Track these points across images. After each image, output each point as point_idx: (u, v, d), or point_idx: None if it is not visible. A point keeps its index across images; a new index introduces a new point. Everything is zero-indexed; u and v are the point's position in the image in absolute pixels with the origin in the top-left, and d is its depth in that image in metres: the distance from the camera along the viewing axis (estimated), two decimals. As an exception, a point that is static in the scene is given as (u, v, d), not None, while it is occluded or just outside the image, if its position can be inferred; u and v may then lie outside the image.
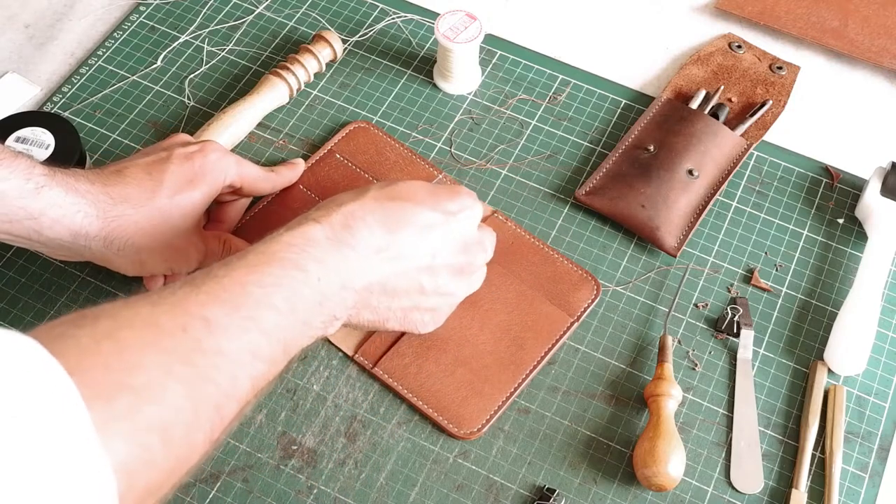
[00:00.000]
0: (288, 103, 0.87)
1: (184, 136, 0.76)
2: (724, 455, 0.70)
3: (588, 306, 0.75)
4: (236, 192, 0.75)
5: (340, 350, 0.73)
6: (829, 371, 0.74)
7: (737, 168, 0.83)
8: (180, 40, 0.91)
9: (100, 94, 0.87)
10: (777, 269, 0.79)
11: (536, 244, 0.77)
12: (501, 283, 0.74)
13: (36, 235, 0.66)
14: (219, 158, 0.71)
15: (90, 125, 0.85)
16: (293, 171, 0.79)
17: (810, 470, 0.69)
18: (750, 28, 0.94)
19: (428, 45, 0.91)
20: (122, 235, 0.67)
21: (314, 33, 0.90)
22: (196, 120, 0.86)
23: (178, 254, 0.70)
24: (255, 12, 0.93)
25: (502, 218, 0.78)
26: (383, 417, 0.71)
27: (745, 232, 0.81)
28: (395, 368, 0.71)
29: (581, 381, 0.73)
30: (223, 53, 0.90)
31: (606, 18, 0.95)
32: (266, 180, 0.76)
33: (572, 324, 0.74)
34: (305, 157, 0.82)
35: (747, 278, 0.78)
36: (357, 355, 0.72)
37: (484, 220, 0.77)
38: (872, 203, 0.80)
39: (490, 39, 0.91)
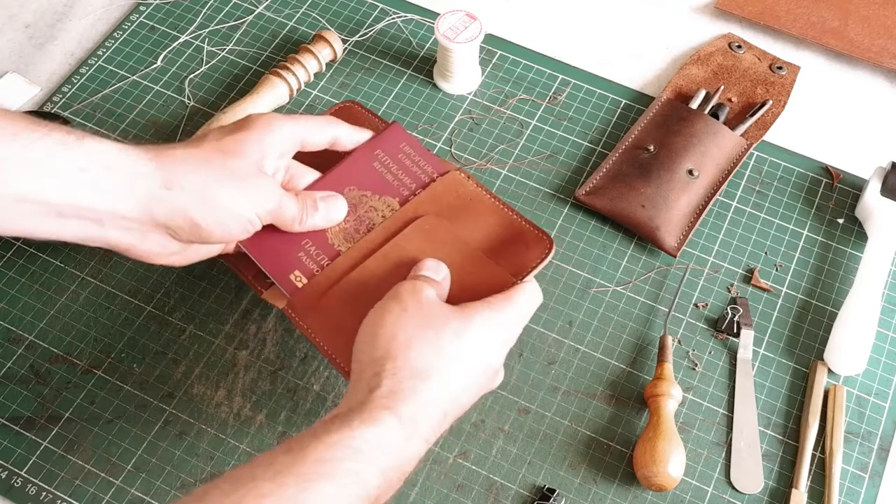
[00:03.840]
0: (288, 103, 0.87)
1: None
2: (724, 455, 0.70)
3: (537, 265, 0.69)
4: (301, 148, 0.69)
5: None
6: (829, 371, 0.74)
7: (737, 168, 0.83)
8: (180, 40, 0.91)
9: (100, 94, 0.87)
10: (777, 269, 0.79)
11: (495, 204, 0.72)
12: (447, 243, 0.69)
13: (92, 195, 0.60)
14: (263, 116, 0.67)
15: (90, 125, 0.85)
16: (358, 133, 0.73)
17: (810, 470, 0.69)
18: (750, 28, 0.94)
19: (428, 45, 0.91)
20: (183, 175, 0.62)
21: (314, 33, 0.90)
22: (196, 120, 0.86)
23: (252, 190, 0.65)
24: (255, 12, 0.93)
25: (464, 176, 0.74)
26: (383, 417, 0.71)
27: (745, 232, 0.81)
28: (319, 325, 0.68)
29: (581, 381, 0.73)
30: (223, 53, 0.90)
31: (606, 18, 0.95)
32: (330, 128, 0.70)
33: (515, 283, 0.68)
34: None
35: (747, 278, 0.78)
36: (285, 308, 0.69)
37: (445, 174, 0.73)
38: (872, 203, 0.80)
39: (490, 39, 0.91)
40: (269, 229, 0.69)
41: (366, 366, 0.59)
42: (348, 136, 0.72)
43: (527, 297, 0.65)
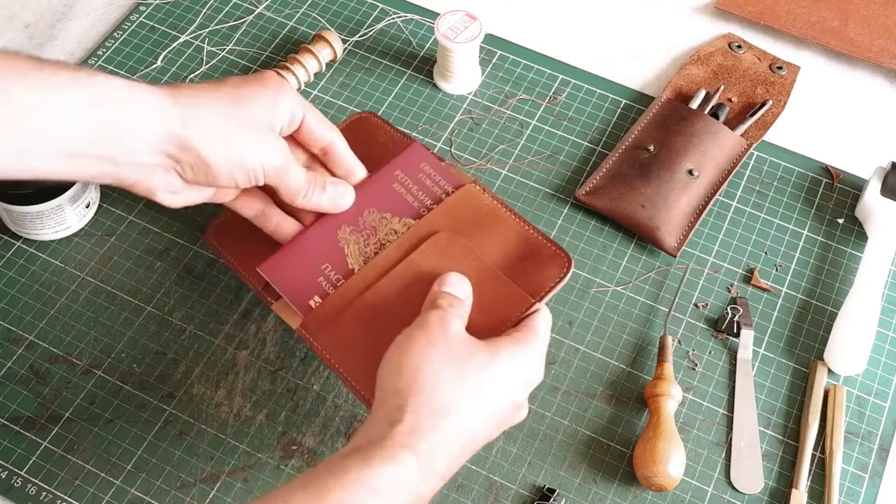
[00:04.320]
0: (288, 103, 0.86)
1: None
2: (724, 455, 0.70)
3: (555, 285, 0.68)
4: (297, 135, 0.69)
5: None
6: (829, 371, 0.74)
7: (737, 168, 0.83)
8: (180, 40, 0.91)
9: (100, 94, 0.87)
10: (777, 269, 0.79)
11: (511, 218, 0.71)
12: (462, 259, 0.68)
13: (107, 129, 0.59)
14: (280, 79, 0.67)
15: (90, 125, 0.85)
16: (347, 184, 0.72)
17: (810, 470, 0.69)
18: (750, 28, 0.94)
19: (428, 45, 0.91)
20: (200, 113, 0.61)
21: (314, 33, 0.90)
22: (196, 120, 0.85)
23: (263, 143, 0.64)
24: (255, 12, 0.93)
25: (480, 188, 0.72)
26: (383, 417, 0.71)
27: (745, 232, 0.81)
28: (333, 345, 0.67)
29: (581, 381, 0.73)
30: (223, 53, 0.90)
31: (606, 18, 0.95)
32: (330, 128, 0.70)
33: (533, 304, 0.67)
34: None
35: (747, 278, 0.78)
36: (300, 327, 0.69)
37: (460, 188, 0.72)
38: (872, 203, 0.80)
39: (490, 39, 0.91)
40: (290, 256, 0.69)
41: (388, 396, 0.58)
42: (344, 149, 0.71)
43: (546, 324, 0.65)
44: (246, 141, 0.64)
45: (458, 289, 0.64)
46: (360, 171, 0.72)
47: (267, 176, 0.65)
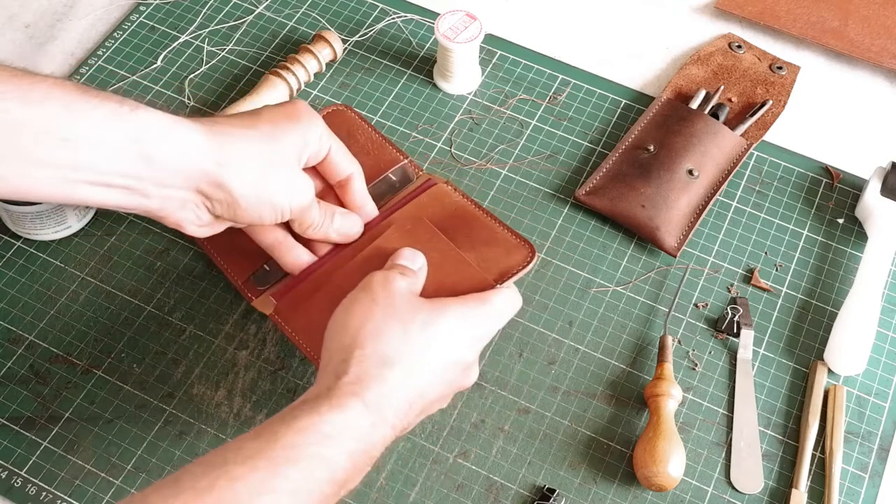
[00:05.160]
0: (288, 103, 0.86)
1: None
2: (724, 455, 0.70)
3: (518, 270, 0.69)
4: (320, 166, 0.70)
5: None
6: (829, 371, 0.74)
7: (737, 168, 0.83)
8: (180, 40, 0.91)
9: (100, 94, 0.87)
10: (777, 269, 0.79)
11: (477, 213, 0.73)
12: (426, 242, 0.69)
13: (145, 165, 0.60)
14: (311, 111, 0.68)
15: (90, 125, 0.85)
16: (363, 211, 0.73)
17: (810, 470, 0.69)
18: (750, 28, 0.94)
19: (428, 45, 0.91)
20: (236, 153, 0.63)
21: (314, 33, 0.90)
22: (196, 120, 0.86)
23: (293, 184, 0.66)
24: (255, 12, 0.93)
25: (451, 188, 0.75)
26: (383, 417, 0.71)
27: (745, 232, 0.81)
28: (303, 328, 0.69)
29: (581, 381, 0.73)
30: (223, 53, 0.90)
31: (606, 18, 0.95)
32: (352, 161, 0.71)
33: (493, 285, 0.68)
34: None
35: (747, 278, 0.78)
36: (273, 314, 0.70)
37: (432, 187, 0.74)
38: (872, 203, 0.80)
39: (490, 39, 0.91)
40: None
41: (334, 353, 0.60)
42: (361, 184, 0.72)
43: (504, 299, 0.65)
44: (277, 180, 0.65)
45: (411, 261, 0.66)
46: (370, 208, 0.73)
47: (293, 214, 0.66)
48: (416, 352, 0.60)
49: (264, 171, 0.64)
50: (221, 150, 0.62)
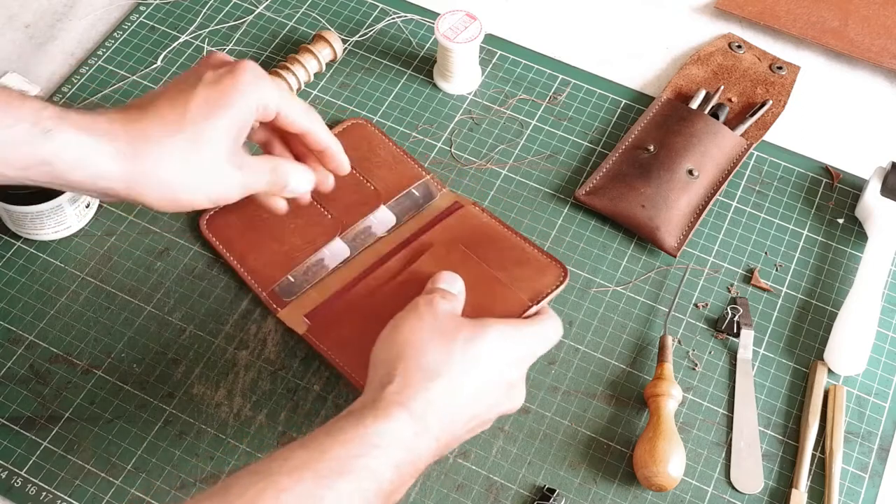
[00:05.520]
0: (288, 103, 0.86)
1: (219, 56, 0.69)
2: (724, 455, 0.70)
3: (552, 291, 0.70)
4: (274, 123, 0.68)
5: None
6: (829, 371, 0.74)
7: (737, 168, 0.83)
8: (180, 40, 0.91)
9: (100, 94, 0.87)
10: (777, 269, 0.79)
11: (507, 233, 0.75)
12: (460, 263, 0.71)
13: (56, 181, 0.62)
14: (253, 80, 0.65)
15: (90, 125, 0.85)
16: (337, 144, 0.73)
17: (810, 470, 0.69)
18: (750, 28, 0.94)
19: (428, 45, 0.91)
20: (147, 175, 0.63)
21: (314, 33, 0.90)
22: (196, 120, 0.85)
23: (214, 186, 0.66)
24: (255, 12, 0.93)
25: (478, 210, 0.77)
26: (383, 417, 0.71)
27: (745, 232, 0.81)
28: (340, 344, 0.71)
29: (581, 381, 0.73)
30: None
31: (606, 18, 0.95)
32: (308, 112, 0.69)
33: (530, 307, 0.69)
34: None
35: (747, 278, 0.78)
36: (306, 333, 0.72)
37: (460, 209, 0.77)
38: (872, 203, 0.80)
39: (490, 39, 0.91)
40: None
41: (379, 367, 0.61)
42: (326, 135, 0.71)
43: (549, 324, 0.66)
44: (198, 183, 0.65)
45: (450, 285, 0.66)
46: (335, 148, 0.72)
47: (215, 203, 0.67)
48: (459, 366, 0.60)
49: (183, 177, 0.64)
50: (135, 169, 0.62)
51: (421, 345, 0.60)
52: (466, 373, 0.60)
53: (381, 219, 0.78)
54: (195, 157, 0.64)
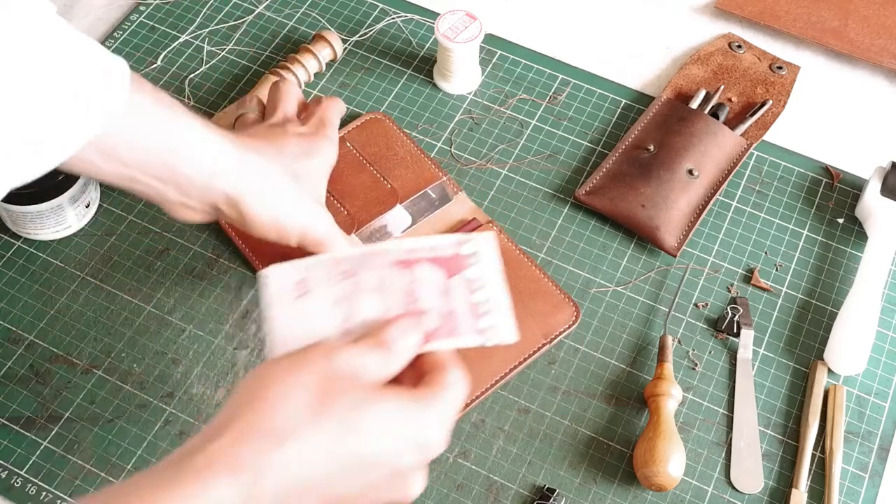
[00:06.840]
0: (288, 103, 0.86)
1: (288, 108, 0.75)
2: (724, 455, 0.70)
3: (564, 331, 0.72)
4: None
5: None
6: (829, 371, 0.74)
7: (737, 168, 0.83)
8: (180, 40, 0.91)
9: (100, 94, 0.87)
10: (777, 269, 0.79)
11: (523, 259, 0.75)
12: None
13: (170, 173, 0.61)
14: (329, 145, 0.73)
15: (90, 125, 0.85)
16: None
17: (810, 470, 0.69)
18: (750, 28, 0.94)
19: (428, 45, 0.91)
20: (257, 180, 0.64)
21: (314, 33, 0.90)
22: (196, 120, 0.85)
23: (309, 212, 0.67)
24: (255, 12, 0.93)
25: (495, 230, 0.77)
26: (383, 417, 0.71)
27: (745, 232, 0.81)
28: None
29: (581, 381, 0.73)
30: (223, 53, 0.90)
31: (606, 18, 0.95)
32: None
33: (544, 345, 0.71)
34: None
35: (747, 278, 0.78)
36: None
37: (479, 228, 0.77)
38: (872, 203, 0.80)
39: (490, 39, 0.91)
40: None
41: (223, 410, 0.50)
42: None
43: (458, 391, 0.53)
44: (292, 214, 0.66)
45: (403, 335, 0.54)
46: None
47: (302, 241, 0.67)
48: (323, 435, 0.48)
49: (282, 198, 0.66)
50: (244, 173, 0.64)
51: (282, 395, 0.48)
52: (330, 451, 0.48)
53: (397, 218, 0.78)
54: (297, 184, 0.68)
